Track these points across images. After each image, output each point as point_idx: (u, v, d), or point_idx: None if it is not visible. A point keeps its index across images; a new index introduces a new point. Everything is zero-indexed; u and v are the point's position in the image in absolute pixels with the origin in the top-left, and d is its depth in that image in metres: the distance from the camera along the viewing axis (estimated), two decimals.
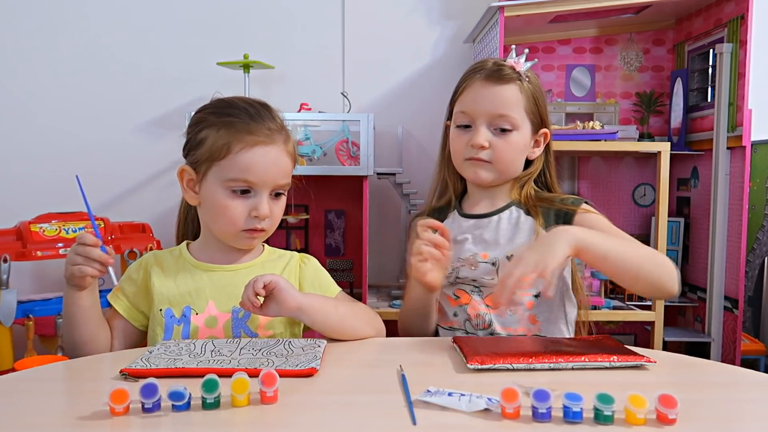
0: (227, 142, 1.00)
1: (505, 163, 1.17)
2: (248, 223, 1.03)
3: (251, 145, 1.00)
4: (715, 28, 2.12)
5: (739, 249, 2.01)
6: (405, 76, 2.47)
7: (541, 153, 1.23)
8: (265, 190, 1.03)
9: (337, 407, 0.72)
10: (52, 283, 2.37)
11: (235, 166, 1.00)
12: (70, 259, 0.96)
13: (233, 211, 1.02)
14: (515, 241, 1.16)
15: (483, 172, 1.17)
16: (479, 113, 1.15)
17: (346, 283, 2.27)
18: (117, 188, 2.46)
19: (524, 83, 1.16)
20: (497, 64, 1.17)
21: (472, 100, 1.16)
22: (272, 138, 1.02)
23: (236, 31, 2.43)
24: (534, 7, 1.97)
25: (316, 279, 1.12)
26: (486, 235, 1.18)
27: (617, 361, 0.84)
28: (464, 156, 1.18)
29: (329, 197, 2.41)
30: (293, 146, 1.08)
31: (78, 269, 0.95)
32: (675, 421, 0.66)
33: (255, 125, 1.02)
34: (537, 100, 1.18)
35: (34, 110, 2.43)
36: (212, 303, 1.04)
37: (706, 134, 2.15)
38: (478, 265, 1.17)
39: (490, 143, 1.15)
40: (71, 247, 0.97)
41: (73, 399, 0.75)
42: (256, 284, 0.93)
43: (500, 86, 1.15)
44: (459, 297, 1.21)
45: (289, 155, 1.06)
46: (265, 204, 1.02)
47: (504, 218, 1.19)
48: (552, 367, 0.84)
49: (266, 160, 1.01)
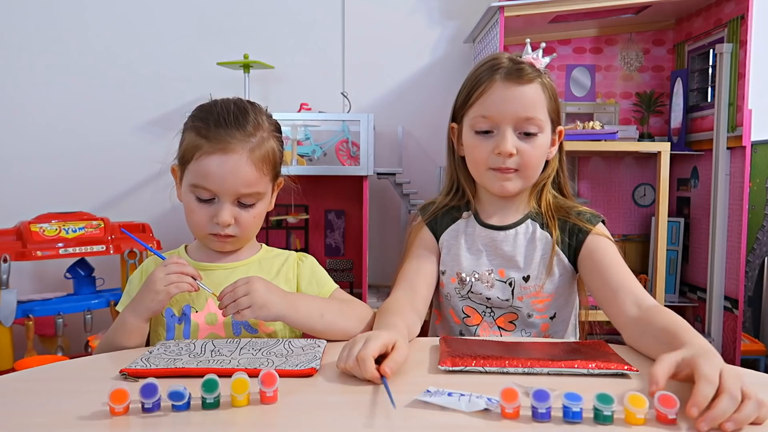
0: (193, 146, 1.01)
1: (532, 169, 1.09)
2: (212, 228, 1.03)
3: (209, 153, 0.99)
4: (715, 28, 2.12)
5: (739, 249, 2.01)
6: (405, 76, 2.47)
7: (557, 153, 1.16)
8: (226, 198, 1.01)
9: (337, 407, 0.72)
10: (52, 283, 2.37)
11: (196, 173, 1.01)
12: (163, 279, 0.96)
13: (197, 215, 1.03)
14: (533, 259, 1.11)
15: (510, 184, 1.09)
16: (504, 117, 1.05)
17: (346, 283, 2.27)
18: (117, 188, 2.46)
19: (545, 80, 1.08)
20: (515, 61, 1.07)
21: (495, 103, 1.06)
22: (232, 147, 0.99)
23: (236, 31, 2.43)
24: (534, 7, 1.97)
25: (313, 277, 1.12)
26: (502, 249, 1.13)
27: (595, 368, 0.83)
28: (488, 165, 1.08)
29: (329, 197, 2.41)
30: (270, 153, 1.04)
31: (175, 287, 0.96)
32: (675, 421, 0.66)
33: (216, 132, 0.99)
34: (555, 97, 1.10)
35: (35, 110, 2.43)
36: (211, 301, 1.04)
37: (706, 134, 2.15)
38: (495, 284, 1.12)
39: (518, 149, 1.06)
40: (157, 272, 0.97)
41: (73, 399, 0.75)
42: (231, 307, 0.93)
43: (524, 86, 1.05)
44: (469, 315, 1.15)
45: (254, 164, 1.01)
46: (225, 212, 1.01)
47: (520, 233, 1.13)
48: (526, 371, 0.83)
49: (223, 169, 0.99)
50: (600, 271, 1.06)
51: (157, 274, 0.97)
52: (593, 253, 1.08)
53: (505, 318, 1.14)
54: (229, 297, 0.93)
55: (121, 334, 0.99)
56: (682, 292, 2.35)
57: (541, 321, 1.14)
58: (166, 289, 0.96)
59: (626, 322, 0.98)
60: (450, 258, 1.16)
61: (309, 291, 1.10)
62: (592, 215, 1.13)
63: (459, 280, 1.14)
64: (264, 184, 1.04)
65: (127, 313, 0.99)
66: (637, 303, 0.98)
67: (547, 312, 1.14)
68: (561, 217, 1.12)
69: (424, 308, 1.11)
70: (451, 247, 1.16)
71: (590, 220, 1.11)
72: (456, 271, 1.15)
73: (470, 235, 1.15)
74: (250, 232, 1.07)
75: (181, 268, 0.97)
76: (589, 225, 1.10)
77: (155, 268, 0.99)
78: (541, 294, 1.12)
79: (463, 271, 1.14)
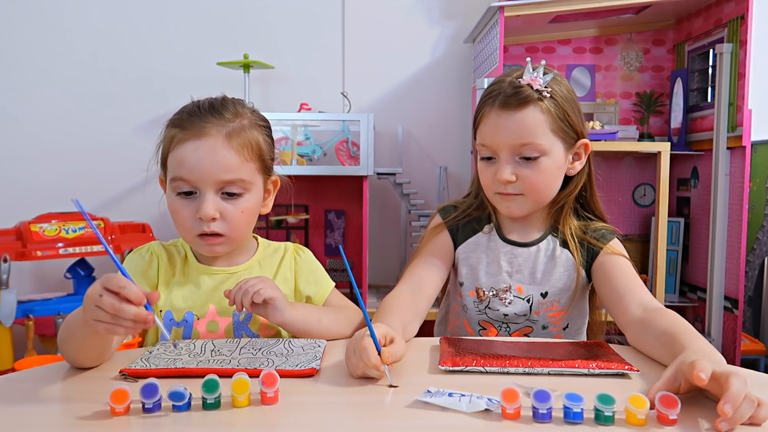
0: (169, 139, 0.98)
1: (538, 192, 1.07)
2: (197, 226, 0.96)
3: (182, 141, 0.95)
4: (715, 28, 2.12)
5: (739, 249, 2.01)
6: (405, 76, 2.47)
7: (584, 166, 1.13)
8: (207, 188, 0.95)
9: (337, 407, 0.72)
10: (52, 283, 2.37)
11: (172, 165, 0.96)
12: (91, 311, 0.73)
13: (181, 215, 0.97)
14: (552, 276, 1.11)
15: (514, 206, 1.09)
16: (500, 145, 1.05)
17: (347, 283, 2.27)
18: (117, 188, 2.46)
19: (545, 101, 1.04)
20: (514, 85, 1.05)
21: (490, 133, 1.06)
22: (206, 131, 0.95)
23: (236, 31, 2.43)
24: (534, 7, 1.97)
25: (311, 275, 1.12)
26: (522, 266, 1.12)
27: (596, 368, 0.83)
28: (494, 190, 1.09)
29: (329, 197, 2.41)
30: (253, 141, 0.98)
31: (104, 328, 0.73)
32: (675, 421, 0.66)
33: (190, 120, 0.96)
34: (567, 113, 1.06)
35: (35, 110, 2.43)
36: (213, 307, 1.03)
37: (706, 134, 2.15)
38: (513, 300, 1.12)
39: (517, 175, 1.05)
40: (92, 291, 0.74)
41: (73, 399, 0.75)
42: (256, 295, 0.92)
43: (519, 112, 1.03)
44: (485, 329, 1.14)
45: (233, 148, 0.95)
46: (207, 204, 0.94)
47: (542, 249, 1.12)
48: (527, 371, 0.83)
49: (197, 155, 0.94)
50: (609, 279, 1.07)
51: (88, 298, 0.74)
52: (604, 265, 1.09)
53: (521, 331, 1.15)
54: (242, 287, 0.93)
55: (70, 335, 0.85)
56: (682, 292, 2.35)
57: (555, 332, 1.15)
58: (94, 325, 0.74)
59: (630, 322, 0.99)
60: (469, 272, 1.15)
61: (307, 290, 1.10)
62: (605, 232, 1.13)
63: (477, 296, 1.14)
64: (248, 171, 0.98)
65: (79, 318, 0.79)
66: (642, 305, 0.99)
67: (561, 324, 1.15)
68: (579, 236, 1.12)
69: (425, 308, 1.10)
70: (471, 261, 1.15)
71: (603, 237, 1.11)
72: (476, 286, 1.14)
73: (492, 250, 1.15)
74: (240, 230, 1.00)
75: (119, 310, 0.72)
76: (600, 244, 1.10)
77: (92, 285, 0.76)
78: (557, 307, 1.13)
79: (482, 286, 1.14)
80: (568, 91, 1.08)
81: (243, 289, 0.93)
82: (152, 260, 1.04)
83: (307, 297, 1.10)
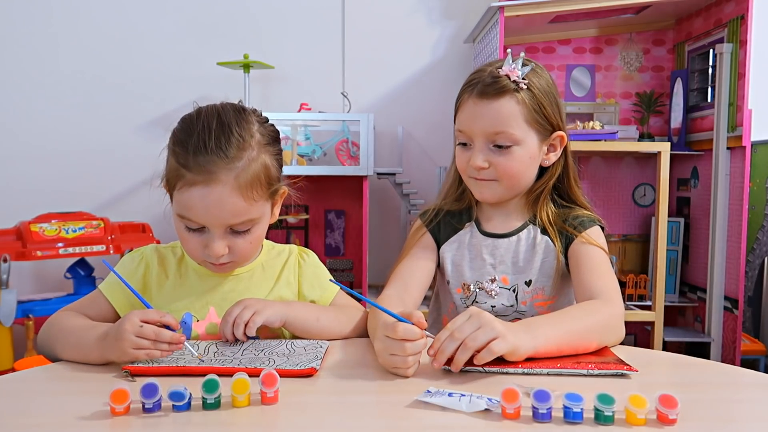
0: (175, 175, 0.94)
1: (510, 179, 1.10)
2: (206, 256, 0.96)
3: (189, 185, 0.92)
4: (715, 28, 2.12)
5: (739, 249, 2.01)
6: (405, 76, 2.47)
7: (559, 158, 1.14)
8: (215, 229, 0.94)
9: (337, 407, 0.72)
10: (52, 283, 2.37)
11: (180, 203, 0.94)
12: (131, 342, 0.83)
13: (189, 244, 0.97)
14: (534, 263, 1.13)
15: (487, 191, 1.12)
16: (474, 132, 1.09)
17: (347, 283, 2.27)
18: (117, 188, 2.46)
19: (521, 93, 1.07)
20: (492, 75, 1.08)
21: (467, 120, 1.10)
22: (214, 177, 0.91)
23: (236, 31, 2.43)
24: (534, 7, 1.97)
25: (315, 279, 1.11)
26: (505, 256, 1.14)
27: (595, 368, 0.83)
28: (468, 175, 1.13)
29: (329, 197, 2.41)
30: (261, 172, 0.96)
31: (146, 353, 0.83)
32: (675, 421, 0.66)
33: (196, 161, 0.91)
34: (542, 105, 1.08)
35: (34, 111, 2.43)
36: (213, 310, 1.03)
37: (706, 134, 2.15)
38: (499, 292, 1.13)
39: (490, 162, 1.09)
40: (129, 325, 0.83)
41: (73, 399, 0.75)
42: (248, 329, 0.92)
43: (495, 101, 1.06)
44: None
45: (242, 194, 0.93)
46: (216, 244, 0.94)
47: (522, 238, 1.15)
48: (526, 372, 0.83)
49: (206, 202, 0.91)
50: (578, 267, 1.09)
51: (127, 331, 0.83)
52: (575, 253, 1.11)
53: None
54: (229, 321, 0.92)
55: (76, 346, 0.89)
56: (682, 292, 2.35)
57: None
58: (133, 353, 0.83)
59: None
60: (455, 269, 1.17)
61: (311, 294, 1.09)
62: (585, 220, 1.13)
63: (464, 290, 1.16)
64: (257, 209, 0.96)
65: (96, 342, 0.87)
66: (588, 295, 1.02)
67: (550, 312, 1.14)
68: (559, 225, 1.14)
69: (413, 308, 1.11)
70: (455, 259, 1.17)
71: (582, 225, 1.12)
72: (461, 282, 1.16)
73: (474, 246, 1.16)
74: (250, 255, 1.02)
75: (156, 334, 0.84)
76: (576, 232, 1.12)
77: (126, 320, 0.84)
78: (542, 296, 1.14)
79: (468, 281, 1.15)
80: (546, 83, 1.11)
81: (235, 324, 0.93)
82: (139, 266, 1.04)
83: (311, 301, 1.09)
